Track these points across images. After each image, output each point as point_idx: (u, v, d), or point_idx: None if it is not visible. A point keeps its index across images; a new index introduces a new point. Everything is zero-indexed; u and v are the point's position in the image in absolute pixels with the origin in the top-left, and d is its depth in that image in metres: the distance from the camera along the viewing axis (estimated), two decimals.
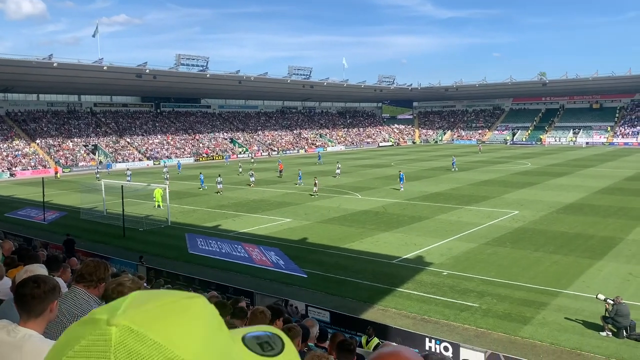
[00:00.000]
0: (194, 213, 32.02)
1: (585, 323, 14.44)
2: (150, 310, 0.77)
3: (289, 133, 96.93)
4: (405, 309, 15.93)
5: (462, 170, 51.30)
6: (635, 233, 24.31)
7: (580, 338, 13.64)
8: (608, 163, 57.68)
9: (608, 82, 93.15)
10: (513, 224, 26.80)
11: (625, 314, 13.59)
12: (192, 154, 76.46)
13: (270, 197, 37.36)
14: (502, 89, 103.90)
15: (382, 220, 28.46)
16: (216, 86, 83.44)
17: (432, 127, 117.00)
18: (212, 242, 24.24)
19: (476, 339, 13.65)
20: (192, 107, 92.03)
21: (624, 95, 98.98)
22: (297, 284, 18.46)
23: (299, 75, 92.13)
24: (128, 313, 0.75)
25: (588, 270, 18.99)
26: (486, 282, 17.87)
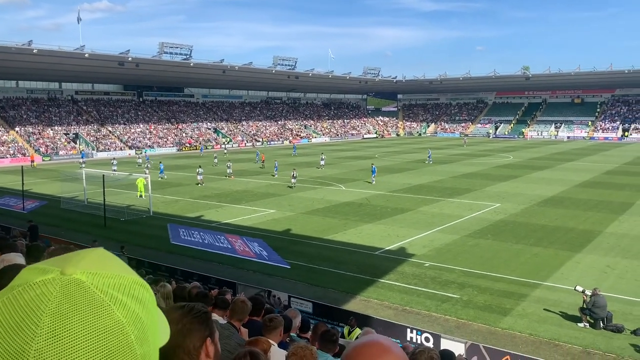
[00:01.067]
0: (177, 203, 31.78)
1: (564, 314, 14.69)
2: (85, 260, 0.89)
3: (274, 124, 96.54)
4: (387, 299, 16.03)
5: (445, 163, 51.66)
6: (613, 226, 24.74)
7: (558, 329, 13.87)
8: (588, 157, 58.54)
9: (589, 77, 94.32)
10: (494, 216, 27.09)
11: (602, 306, 13.84)
12: (174, 143, 75.76)
13: (253, 188, 37.23)
14: (486, 82, 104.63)
15: (366, 211, 28.56)
16: (200, 75, 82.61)
17: (416, 119, 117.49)
18: (194, 232, 24.10)
19: (457, 330, 13.80)
20: (175, 96, 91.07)
21: (605, 91, 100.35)
22: (280, 274, 18.46)
23: (284, 66, 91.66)
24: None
25: (567, 262, 19.29)
26: (467, 274, 18.06)
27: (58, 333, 0.76)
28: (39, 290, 0.80)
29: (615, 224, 25.28)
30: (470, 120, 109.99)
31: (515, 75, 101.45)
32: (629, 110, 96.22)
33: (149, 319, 0.87)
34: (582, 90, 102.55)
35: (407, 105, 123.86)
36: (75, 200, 32.20)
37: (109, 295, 0.83)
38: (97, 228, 25.72)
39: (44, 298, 0.79)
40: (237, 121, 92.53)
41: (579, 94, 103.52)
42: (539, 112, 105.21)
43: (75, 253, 0.91)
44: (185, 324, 1.58)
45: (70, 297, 0.80)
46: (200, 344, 1.57)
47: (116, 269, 0.89)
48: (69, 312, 0.78)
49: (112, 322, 0.81)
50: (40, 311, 0.77)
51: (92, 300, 0.81)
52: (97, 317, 0.80)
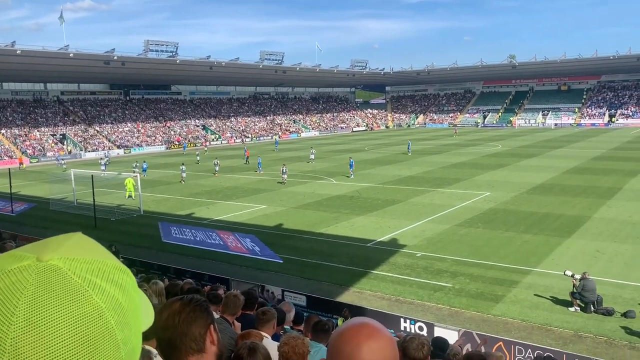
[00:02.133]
0: (167, 202, 31.66)
1: (555, 299, 14.85)
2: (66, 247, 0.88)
3: (262, 119, 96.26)
4: (380, 290, 16.12)
5: (435, 154, 51.86)
6: (601, 211, 25.00)
7: (549, 314, 14.03)
8: (576, 144, 59.02)
9: (575, 65, 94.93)
10: (485, 205, 27.26)
11: (591, 289, 14.01)
12: (163, 141, 75.33)
13: (244, 184, 37.15)
14: (473, 72, 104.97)
15: (357, 204, 28.62)
16: (187, 72, 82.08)
17: (404, 111, 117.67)
18: (186, 230, 24.04)
19: (450, 318, 13.92)
20: (162, 94, 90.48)
21: (591, 77, 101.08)
22: (273, 269, 18.49)
23: (271, 61, 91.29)
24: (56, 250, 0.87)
25: (557, 248, 19.49)
26: (459, 263, 18.19)
27: (34, 321, 0.75)
28: (14, 277, 0.79)
29: (604, 208, 25.55)
30: (459, 110, 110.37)
31: (502, 64, 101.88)
32: (614, 96, 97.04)
33: (130, 304, 0.87)
34: (569, 78, 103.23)
35: (395, 97, 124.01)
36: (65, 202, 31.97)
37: (87, 280, 0.83)
38: (88, 229, 25.53)
39: (19, 286, 0.77)
40: (226, 117, 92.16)
41: (565, 81, 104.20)
42: (526, 100, 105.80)
43: (54, 238, 0.90)
44: (188, 312, 1.66)
45: (47, 284, 0.79)
46: (205, 330, 1.65)
47: (95, 255, 0.88)
48: (46, 300, 0.77)
49: (91, 308, 0.80)
50: (16, 299, 0.76)
51: (70, 286, 0.80)
52: (74, 304, 0.79)
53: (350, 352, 1.27)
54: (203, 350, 1.63)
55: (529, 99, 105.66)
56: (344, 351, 1.28)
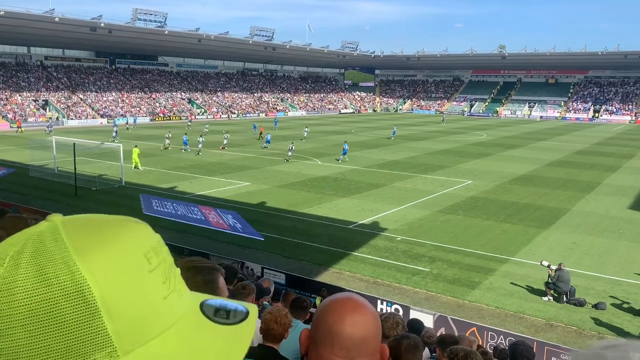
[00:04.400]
0: (150, 174, 31.39)
1: (530, 288, 15.15)
2: (84, 221, 0.75)
3: (250, 96, 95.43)
4: (359, 272, 16.28)
5: (420, 140, 52.05)
6: (580, 204, 25.43)
7: (523, 302, 14.32)
8: (560, 137, 59.65)
9: (564, 58, 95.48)
10: (466, 192, 27.53)
11: (566, 280, 14.31)
12: (148, 113, 74.39)
13: (229, 160, 36.96)
14: (463, 60, 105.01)
15: (341, 186, 28.69)
16: (175, 44, 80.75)
17: (392, 95, 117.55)
18: (167, 203, 23.81)
19: (426, 302, 14.13)
20: (149, 65, 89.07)
21: (579, 72, 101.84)
22: (254, 246, 18.51)
23: (261, 37, 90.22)
24: (67, 218, 0.74)
25: (535, 238, 19.82)
26: (438, 248, 18.41)
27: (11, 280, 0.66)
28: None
29: (582, 202, 25.98)
30: (446, 98, 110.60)
31: (491, 53, 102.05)
32: (600, 92, 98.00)
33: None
34: (557, 71, 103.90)
35: (384, 81, 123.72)
36: (45, 169, 31.51)
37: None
38: (68, 197, 25.27)
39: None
40: (212, 92, 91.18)
41: (553, 74, 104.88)
42: (513, 91, 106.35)
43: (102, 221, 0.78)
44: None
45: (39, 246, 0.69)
46: None
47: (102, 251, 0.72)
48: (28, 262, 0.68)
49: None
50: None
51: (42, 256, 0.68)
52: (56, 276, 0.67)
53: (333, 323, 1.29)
54: None
55: (517, 90, 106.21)
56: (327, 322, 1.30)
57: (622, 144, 53.43)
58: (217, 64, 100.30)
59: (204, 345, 0.76)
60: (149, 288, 0.73)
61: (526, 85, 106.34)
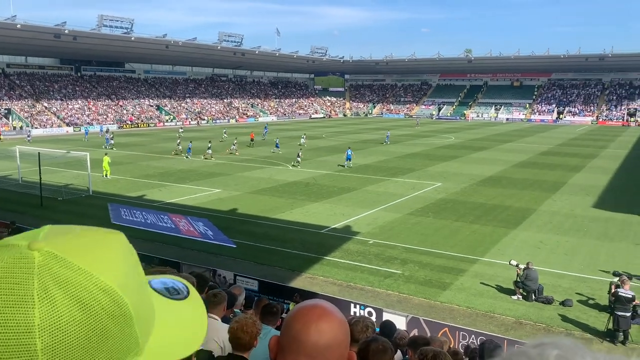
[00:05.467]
0: (118, 182, 30.85)
1: (499, 288, 15.42)
2: (71, 240, 0.77)
3: (219, 102, 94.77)
4: (332, 276, 16.31)
5: (391, 144, 52.51)
6: (546, 204, 26.04)
7: (493, 301, 14.57)
8: (525, 138, 61.00)
9: (528, 61, 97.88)
10: (436, 195, 27.90)
11: (534, 279, 14.63)
12: (115, 120, 73.12)
13: (199, 167, 36.60)
14: (430, 64, 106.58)
15: (312, 191, 28.73)
16: (142, 50, 79.70)
17: (362, 100, 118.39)
18: (136, 212, 23.49)
19: (398, 304, 14.24)
20: (115, 72, 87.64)
21: (542, 75, 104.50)
22: (226, 254, 18.36)
23: (230, 42, 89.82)
24: (50, 240, 0.74)
25: (503, 238, 20.20)
26: (409, 250, 18.60)
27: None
28: None
29: (549, 202, 26.61)
30: (415, 102, 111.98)
31: (458, 57, 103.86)
32: (563, 94, 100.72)
33: (88, 334, 0.69)
34: (521, 74, 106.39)
35: (354, 86, 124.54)
36: (9, 179, 30.66)
37: (43, 286, 0.69)
38: (33, 208, 24.62)
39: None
40: (181, 98, 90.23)
41: (518, 77, 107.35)
42: (480, 94, 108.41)
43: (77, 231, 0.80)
44: None
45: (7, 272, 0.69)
46: None
47: (95, 263, 0.73)
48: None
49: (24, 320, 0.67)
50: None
51: (22, 284, 0.68)
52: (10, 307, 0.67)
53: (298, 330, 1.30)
54: None
55: (483, 93, 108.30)
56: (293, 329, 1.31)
57: (585, 144, 54.99)
58: (186, 70, 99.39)
59: (183, 320, 0.86)
60: (146, 289, 0.83)
61: (492, 89, 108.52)
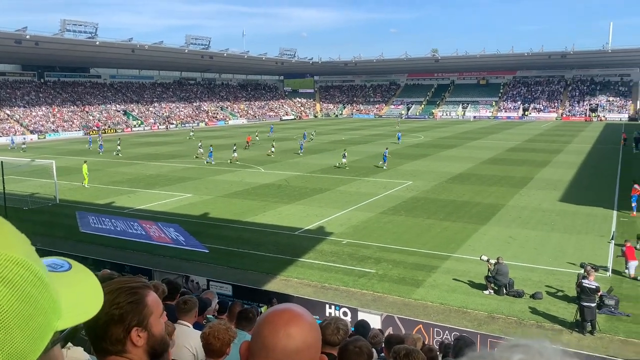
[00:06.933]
0: (85, 190, 30.20)
1: (471, 283, 15.67)
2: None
3: (188, 105, 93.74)
4: (306, 278, 16.30)
5: (361, 143, 52.81)
6: (515, 200, 26.57)
7: (466, 297, 14.79)
8: (493, 135, 62.15)
9: (493, 60, 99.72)
10: (407, 193, 28.17)
11: (504, 273, 14.90)
12: (81, 127, 71.59)
13: (168, 172, 36.13)
14: (398, 64, 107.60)
15: (285, 192, 28.67)
16: (107, 55, 78.17)
17: (332, 101, 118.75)
18: (105, 219, 23.04)
19: (373, 303, 14.33)
20: (80, 77, 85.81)
21: (507, 72, 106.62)
22: (199, 259, 18.18)
23: (197, 45, 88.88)
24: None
25: (474, 234, 20.53)
26: (383, 249, 18.73)
27: None
28: None
29: (517, 197, 27.16)
30: (384, 102, 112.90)
31: (425, 57, 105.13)
32: (528, 91, 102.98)
33: (19, 302, 0.75)
34: (487, 72, 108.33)
35: (323, 87, 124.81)
36: None
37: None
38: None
39: None
40: (149, 103, 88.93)
41: (484, 76, 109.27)
42: (447, 93, 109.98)
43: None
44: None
45: None
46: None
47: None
48: None
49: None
50: None
51: None
52: None
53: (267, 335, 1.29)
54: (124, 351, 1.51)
55: (450, 92, 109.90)
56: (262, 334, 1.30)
57: (551, 140, 56.33)
58: (153, 74, 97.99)
59: (76, 286, 0.95)
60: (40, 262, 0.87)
61: (459, 87, 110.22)
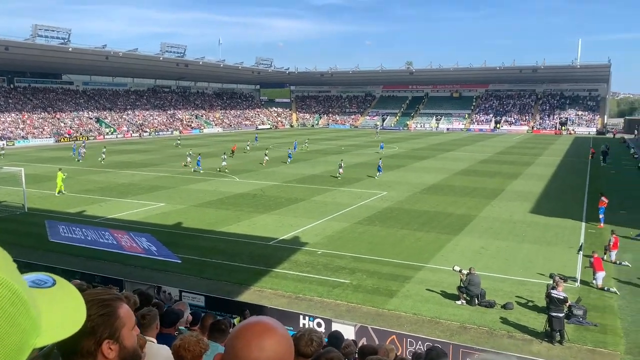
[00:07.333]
0: (55, 198, 29.58)
1: (444, 293, 15.81)
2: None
3: (162, 113, 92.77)
4: (281, 288, 16.23)
5: (337, 154, 53.01)
6: (486, 210, 26.99)
7: (439, 307, 14.92)
8: (465, 147, 63.11)
9: (466, 73, 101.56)
10: (382, 203, 28.36)
11: (476, 283, 15.10)
12: (52, 134, 70.17)
13: (140, 180, 35.64)
14: (373, 76, 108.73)
15: (260, 202, 28.55)
16: (80, 61, 76.95)
17: (309, 111, 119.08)
18: (76, 229, 22.55)
19: (347, 314, 14.34)
20: (52, 83, 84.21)
21: (480, 86, 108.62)
22: (171, 270, 17.94)
23: (173, 53, 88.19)
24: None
25: (447, 245, 20.77)
26: (357, 259, 18.79)
27: None
28: None
29: (488, 208, 27.60)
30: (360, 113, 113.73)
31: (400, 70, 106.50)
32: (500, 104, 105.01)
33: (2, 321, 0.79)
34: (460, 85, 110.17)
35: (300, 97, 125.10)
36: None
37: None
38: None
39: None
40: (122, 110, 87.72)
41: (457, 89, 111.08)
42: (421, 105, 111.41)
43: None
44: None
45: None
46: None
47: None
48: None
49: None
50: None
51: None
52: None
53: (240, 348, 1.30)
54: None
55: (424, 104, 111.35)
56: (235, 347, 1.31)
57: (522, 152, 57.48)
58: (127, 81, 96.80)
59: (59, 303, 1.00)
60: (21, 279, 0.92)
61: (433, 100, 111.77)
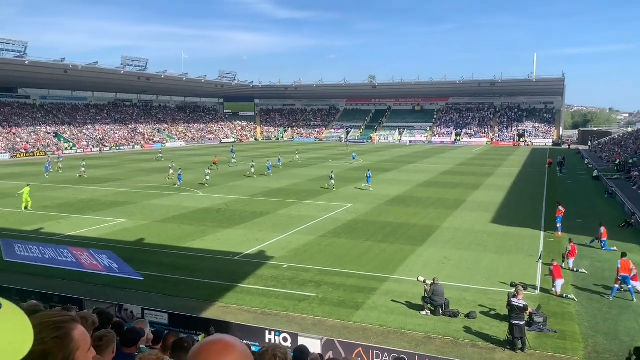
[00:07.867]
0: (11, 216, 28.57)
1: (409, 304, 15.96)
2: None
3: (124, 127, 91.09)
4: (246, 304, 16.06)
5: (302, 167, 53.11)
6: (449, 221, 27.45)
7: (404, 318, 15.04)
8: (427, 159, 64.21)
9: (427, 87, 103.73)
10: (347, 216, 28.51)
11: (440, 294, 15.30)
12: (7, 149, 67.92)
13: (101, 196, 34.81)
14: (337, 90, 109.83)
15: (224, 217, 28.28)
16: (37, 75, 74.98)
17: (273, 124, 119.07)
18: (33, 247, 21.74)
19: (314, 327, 14.29)
20: (7, 97, 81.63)
21: (441, 99, 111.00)
22: (133, 287, 17.52)
23: (134, 67, 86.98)
24: None
25: (411, 256, 21.00)
26: (323, 272, 18.79)
27: None
28: None
29: (450, 219, 28.08)
30: (324, 126, 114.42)
31: (363, 83, 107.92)
32: (460, 117, 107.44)
33: None
34: (422, 99, 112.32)
35: (264, 110, 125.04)
36: None
37: None
38: None
39: None
40: (82, 124, 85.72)
41: (419, 102, 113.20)
42: (384, 118, 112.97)
43: None
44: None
45: None
46: None
47: None
48: None
49: None
50: None
51: None
52: None
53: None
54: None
55: (387, 117, 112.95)
56: None
57: (482, 163, 58.85)
58: (87, 95, 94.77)
59: (8, 326, 1.12)
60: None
61: (395, 113, 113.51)
